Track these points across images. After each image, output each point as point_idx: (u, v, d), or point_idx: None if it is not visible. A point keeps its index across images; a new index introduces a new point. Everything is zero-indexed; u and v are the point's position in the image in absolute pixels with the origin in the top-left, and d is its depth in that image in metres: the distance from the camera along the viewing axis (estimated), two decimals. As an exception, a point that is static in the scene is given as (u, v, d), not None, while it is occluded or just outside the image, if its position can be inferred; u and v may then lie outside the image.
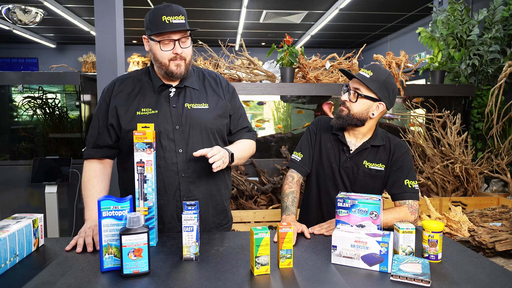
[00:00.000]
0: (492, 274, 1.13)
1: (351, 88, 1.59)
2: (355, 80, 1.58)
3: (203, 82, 1.56)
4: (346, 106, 1.58)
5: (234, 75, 3.33)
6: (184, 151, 1.45)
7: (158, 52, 1.41)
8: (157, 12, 1.37)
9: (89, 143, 1.50)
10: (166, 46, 1.39)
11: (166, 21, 1.35)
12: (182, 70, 1.43)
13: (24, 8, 4.04)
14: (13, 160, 3.15)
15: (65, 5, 6.40)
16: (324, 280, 1.08)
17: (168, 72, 1.43)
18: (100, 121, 1.48)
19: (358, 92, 1.56)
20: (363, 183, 1.61)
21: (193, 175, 1.47)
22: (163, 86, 1.48)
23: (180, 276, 1.09)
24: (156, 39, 1.39)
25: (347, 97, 1.59)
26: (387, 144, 1.63)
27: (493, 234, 1.73)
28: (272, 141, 3.68)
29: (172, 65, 1.42)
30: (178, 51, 1.40)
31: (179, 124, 1.45)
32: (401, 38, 8.16)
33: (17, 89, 3.21)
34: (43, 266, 1.14)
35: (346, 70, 1.61)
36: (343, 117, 1.59)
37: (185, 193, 1.47)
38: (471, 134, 3.61)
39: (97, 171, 1.48)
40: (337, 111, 1.62)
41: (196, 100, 1.50)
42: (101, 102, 1.50)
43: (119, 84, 1.50)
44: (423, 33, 3.68)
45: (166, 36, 1.38)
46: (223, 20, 7.39)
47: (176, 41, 1.39)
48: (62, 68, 6.56)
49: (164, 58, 1.41)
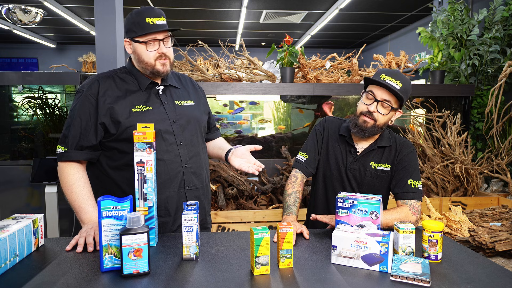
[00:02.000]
0: (492, 274, 1.13)
1: (379, 98, 1.51)
2: (384, 90, 1.50)
3: (180, 82, 1.65)
4: (373, 118, 1.52)
5: (234, 75, 3.33)
6: (184, 144, 1.52)
7: (144, 53, 1.45)
8: (140, 14, 1.41)
9: (71, 145, 1.42)
10: (151, 46, 1.44)
11: (150, 22, 1.40)
12: (168, 68, 1.49)
13: (24, 8, 4.04)
14: (13, 160, 3.15)
15: (65, 5, 6.40)
16: (324, 280, 1.08)
17: (155, 71, 1.47)
18: (83, 120, 1.43)
19: (389, 104, 1.51)
20: (371, 184, 1.61)
21: (195, 165, 1.55)
22: (150, 84, 1.52)
23: (180, 276, 1.09)
24: (142, 40, 1.43)
25: (375, 108, 1.51)
26: (393, 144, 1.62)
27: (493, 234, 1.73)
28: (272, 141, 3.68)
29: (158, 65, 1.46)
30: (163, 50, 1.45)
31: (175, 119, 1.52)
32: (401, 38, 8.16)
33: (17, 89, 3.21)
34: (43, 266, 1.14)
35: (374, 79, 1.49)
36: (367, 129, 1.54)
37: (188, 183, 1.53)
38: (471, 134, 3.61)
39: (80, 173, 1.44)
40: (358, 121, 1.54)
41: (182, 98, 1.59)
42: (83, 101, 1.44)
43: (103, 82, 1.47)
44: (423, 33, 3.68)
45: (151, 37, 1.42)
46: (223, 20, 7.39)
47: (160, 41, 1.44)
48: (62, 68, 6.56)
49: (150, 58, 1.45)
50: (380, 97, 1.51)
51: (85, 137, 1.43)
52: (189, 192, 1.53)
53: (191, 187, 1.53)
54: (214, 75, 3.31)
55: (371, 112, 1.52)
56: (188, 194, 1.53)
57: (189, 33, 8.56)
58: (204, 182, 1.60)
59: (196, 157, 1.56)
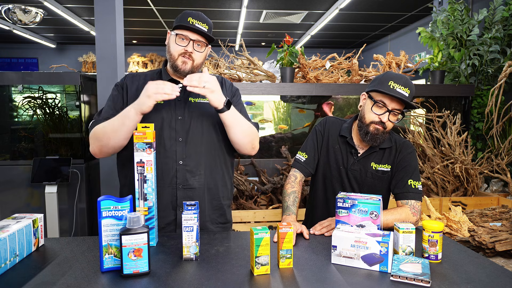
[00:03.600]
0: (492, 274, 1.13)
1: (390, 108, 1.50)
2: (395, 99, 1.49)
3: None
4: (384, 126, 1.52)
5: (234, 75, 3.33)
6: (184, 140, 1.51)
7: (172, 44, 1.49)
8: (187, 13, 1.48)
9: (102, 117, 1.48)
10: (180, 41, 1.47)
11: (190, 21, 1.45)
12: (187, 68, 1.49)
13: (24, 8, 4.04)
14: (13, 160, 3.15)
15: (65, 5, 6.40)
16: (324, 280, 1.08)
17: (174, 66, 1.50)
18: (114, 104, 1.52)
19: (400, 112, 1.52)
20: (371, 185, 1.61)
21: (191, 164, 1.51)
22: (171, 81, 1.53)
23: (180, 276, 1.09)
24: (175, 32, 1.48)
25: (386, 119, 1.51)
26: (394, 145, 1.63)
27: (493, 234, 1.73)
28: (272, 141, 3.68)
29: (180, 60, 1.49)
30: (189, 49, 1.48)
31: (181, 115, 1.52)
32: (401, 38, 8.16)
33: (17, 89, 3.21)
34: (43, 266, 1.14)
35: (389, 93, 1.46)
36: (378, 137, 1.54)
37: (181, 181, 1.49)
38: (471, 134, 3.61)
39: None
40: (370, 130, 1.53)
41: (199, 95, 1.56)
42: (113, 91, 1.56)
43: (130, 78, 1.58)
44: (423, 33, 3.68)
45: (185, 33, 1.46)
46: (223, 20, 7.39)
47: (192, 41, 1.47)
48: (62, 68, 6.57)
49: (175, 51, 1.48)
50: (391, 106, 1.50)
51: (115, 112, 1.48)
52: (181, 191, 1.49)
53: (184, 185, 1.49)
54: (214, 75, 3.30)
55: (382, 122, 1.51)
56: (180, 192, 1.49)
57: (189, 33, 8.54)
58: (203, 185, 1.53)
59: (195, 156, 1.51)
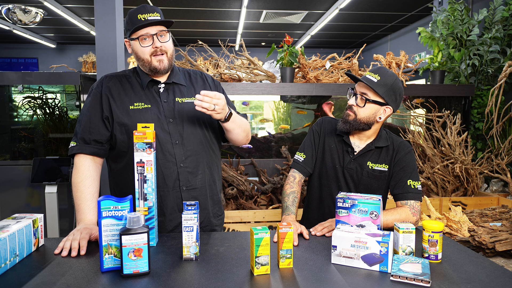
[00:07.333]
0: (492, 274, 1.13)
1: (357, 92, 1.56)
2: (361, 84, 1.55)
3: (189, 79, 1.62)
4: (353, 111, 1.56)
5: (234, 75, 3.33)
6: (181, 143, 1.49)
7: (139, 49, 1.45)
8: (133, 13, 1.43)
9: (79, 138, 1.46)
10: (145, 42, 1.43)
11: (141, 18, 1.40)
12: (165, 64, 1.47)
13: (24, 8, 4.04)
14: (13, 160, 3.15)
15: (65, 5, 6.40)
16: (324, 280, 1.08)
17: (152, 68, 1.47)
18: (92, 115, 1.47)
19: (366, 97, 1.53)
20: (368, 184, 1.61)
21: (191, 165, 1.51)
22: (152, 82, 1.52)
23: (180, 276, 1.09)
24: (135, 37, 1.43)
25: (354, 102, 1.56)
26: (391, 144, 1.62)
27: (493, 234, 1.73)
28: (272, 141, 3.68)
29: (154, 61, 1.46)
30: (157, 44, 1.44)
31: (172, 117, 1.50)
32: (401, 38, 8.16)
33: (17, 89, 3.21)
34: (43, 266, 1.14)
35: (353, 74, 1.58)
36: (350, 122, 1.57)
37: (184, 183, 1.50)
38: (471, 134, 3.61)
39: (91, 171, 1.45)
40: (343, 116, 1.60)
41: (186, 95, 1.55)
42: (92, 98, 1.50)
43: (108, 80, 1.53)
44: (423, 33, 3.68)
45: (144, 32, 1.42)
46: (223, 20, 7.39)
47: (154, 35, 1.43)
48: (62, 68, 6.56)
49: (145, 54, 1.45)
50: (358, 90, 1.56)
51: (95, 130, 1.47)
52: (185, 192, 1.50)
53: (187, 187, 1.50)
54: (214, 75, 3.31)
55: (350, 105, 1.57)
56: (185, 194, 1.50)
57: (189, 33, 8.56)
58: (205, 183, 1.55)
59: (194, 157, 1.51)
